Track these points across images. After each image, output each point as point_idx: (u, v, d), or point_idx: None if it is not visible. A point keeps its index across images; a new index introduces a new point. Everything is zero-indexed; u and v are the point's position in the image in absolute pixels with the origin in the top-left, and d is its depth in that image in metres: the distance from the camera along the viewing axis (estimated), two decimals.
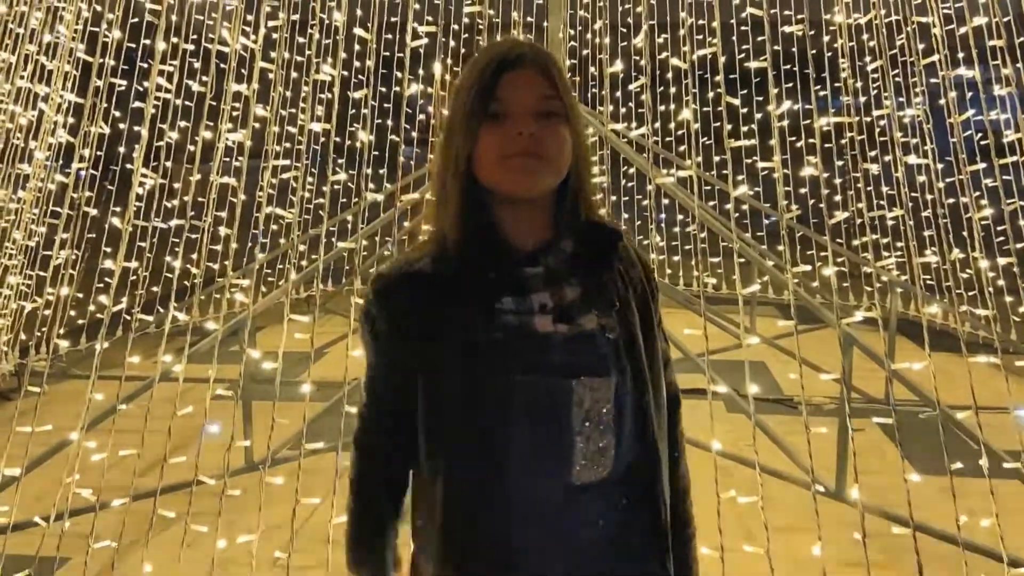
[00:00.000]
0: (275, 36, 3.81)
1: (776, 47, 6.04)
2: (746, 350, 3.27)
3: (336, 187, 5.21)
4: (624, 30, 6.72)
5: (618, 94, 7.22)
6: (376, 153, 6.62)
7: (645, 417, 1.29)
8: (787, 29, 4.82)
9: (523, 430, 1.23)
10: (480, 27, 6.86)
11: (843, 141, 6.26)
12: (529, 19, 7.06)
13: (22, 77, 4.14)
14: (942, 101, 4.58)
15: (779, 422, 4.37)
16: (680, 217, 7.13)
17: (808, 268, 3.93)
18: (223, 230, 4.08)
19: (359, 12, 4.58)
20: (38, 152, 4.23)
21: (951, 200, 5.81)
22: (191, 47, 4.36)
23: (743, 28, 6.61)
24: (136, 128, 5.16)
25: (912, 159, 4.81)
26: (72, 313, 5.27)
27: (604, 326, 1.27)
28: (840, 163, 6.58)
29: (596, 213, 1.34)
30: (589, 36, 7.01)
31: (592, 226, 1.31)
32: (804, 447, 2.92)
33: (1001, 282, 5.56)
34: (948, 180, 5.42)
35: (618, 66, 3.66)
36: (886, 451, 4.34)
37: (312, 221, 7.27)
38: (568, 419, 1.23)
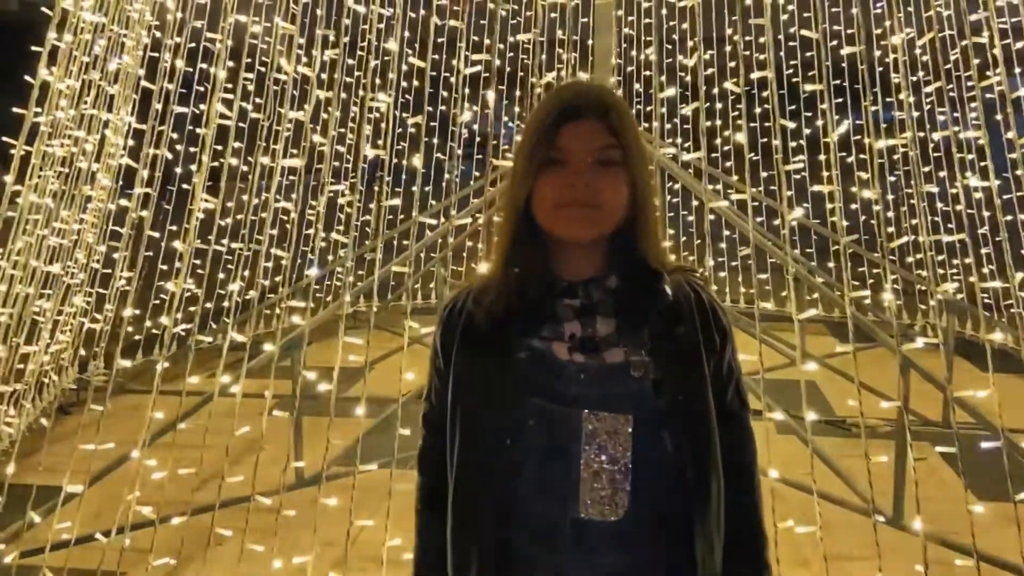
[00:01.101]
0: (330, 61, 3.89)
1: (827, 62, 5.98)
2: (800, 371, 3.22)
3: (381, 206, 5.30)
4: (669, 46, 6.70)
5: (663, 109, 7.19)
6: (423, 171, 6.70)
7: (679, 468, 1.28)
8: (839, 46, 4.76)
9: (532, 454, 1.27)
10: (525, 46, 6.92)
11: (896, 157, 6.15)
12: (575, 38, 7.09)
13: (85, 103, 4.28)
14: (998, 116, 4.50)
15: (831, 444, 4.29)
16: (727, 233, 7.06)
17: (867, 293, 3.86)
18: (275, 251, 4.17)
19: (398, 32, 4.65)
20: (101, 175, 4.36)
21: (1009, 217, 5.66)
22: (250, 74, 4.47)
23: (791, 44, 6.56)
24: (192, 150, 5.31)
25: (973, 180, 4.69)
26: (128, 329, 5.41)
27: (632, 363, 1.28)
28: (892, 179, 6.46)
29: (656, 254, 1.35)
30: (634, 53, 7.00)
31: (642, 266, 1.34)
32: (858, 471, 2.87)
33: None
34: (1006, 196, 5.30)
35: (671, 91, 3.65)
36: (944, 477, 4.23)
37: (359, 239, 7.37)
38: (576, 452, 1.26)
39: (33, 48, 3.98)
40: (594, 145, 1.27)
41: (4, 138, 3.78)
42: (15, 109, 3.83)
